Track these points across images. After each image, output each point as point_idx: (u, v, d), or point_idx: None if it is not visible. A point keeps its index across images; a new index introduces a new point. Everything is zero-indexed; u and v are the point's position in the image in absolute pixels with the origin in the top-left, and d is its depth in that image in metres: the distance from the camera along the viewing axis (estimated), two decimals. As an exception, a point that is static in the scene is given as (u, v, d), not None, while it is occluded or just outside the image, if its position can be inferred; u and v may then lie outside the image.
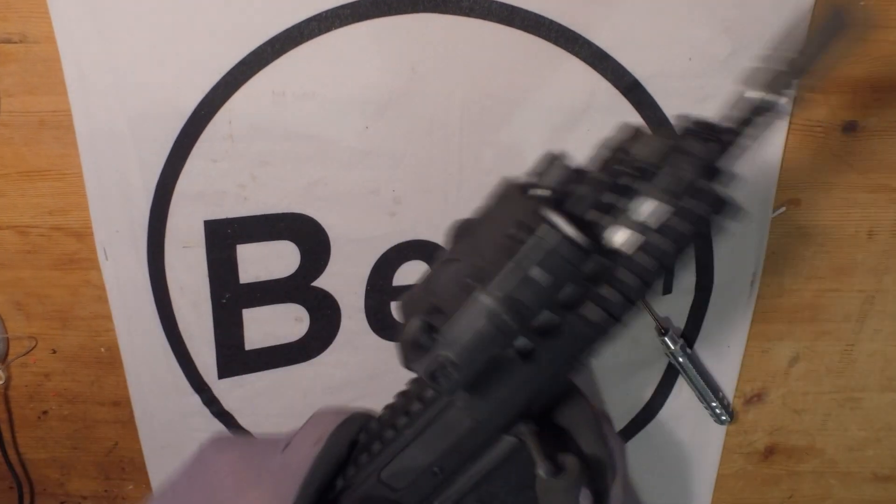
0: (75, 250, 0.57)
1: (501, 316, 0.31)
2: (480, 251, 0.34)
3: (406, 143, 0.54)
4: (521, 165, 0.55)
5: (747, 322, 0.64)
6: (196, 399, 0.62)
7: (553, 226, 0.31)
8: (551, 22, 0.50)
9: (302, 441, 0.41)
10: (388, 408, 0.41)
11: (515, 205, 0.35)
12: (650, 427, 0.68)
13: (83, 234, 0.56)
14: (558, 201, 0.33)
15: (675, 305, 0.63)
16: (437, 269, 0.35)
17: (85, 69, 0.50)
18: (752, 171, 0.57)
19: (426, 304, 0.34)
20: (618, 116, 0.54)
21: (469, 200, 0.56)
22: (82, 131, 0.52)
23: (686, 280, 0.62)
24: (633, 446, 0.68)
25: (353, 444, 0.41)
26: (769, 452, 0.73)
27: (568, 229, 0.31)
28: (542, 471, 0.33)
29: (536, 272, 0.31)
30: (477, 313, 0.31)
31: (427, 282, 0.35)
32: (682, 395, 0.67)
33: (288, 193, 0.54)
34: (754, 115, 0.33)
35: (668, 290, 0.62)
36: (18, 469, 0.68)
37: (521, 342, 0.33)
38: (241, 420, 0.63)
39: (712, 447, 0.71)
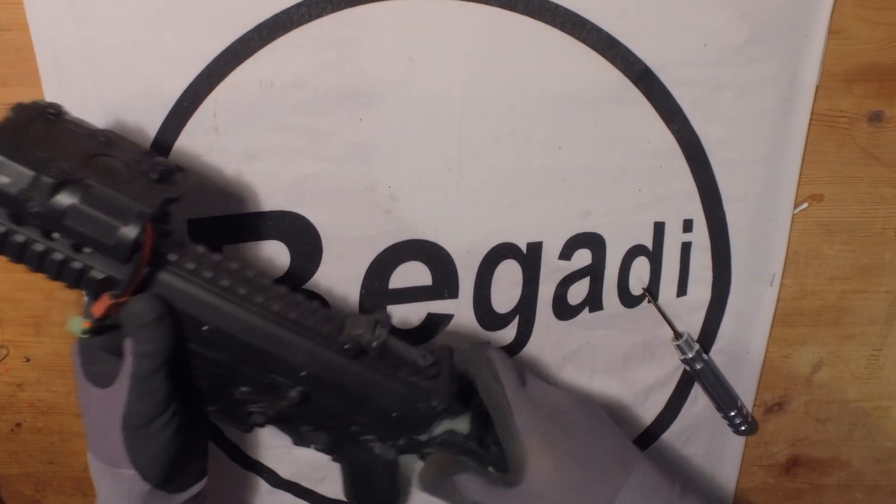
0: (50, 252, 0.57)
1: None
2: None
3: (403, 137, 0.54)
4: (524, 160, 0.55)
5: (767, 326, 0.64)
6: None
7: None
8: (557, 6, 0.50)
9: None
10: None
11: None
12: (664, 438, 0.68)
13: (59, 235, 0.56)
14: None
15: (691, 308, 0.63)
16: None
17: (60, 58, 0.49)
18: (772, 164, 0.58)
19: None
20: (628, 107, 0.54)
21: (470, 197, 0.57)
22: (57, 125, 0.52)
23: (702, 281, 0.62)
24: (646, 459, 0.68)
25: None
26: (791, 465, 0.73)
27: None
28: None
29: None
30: None
31: None
32: (699, 404, 0.67)
33: (277, 190, 0.54)
34: None
35: (682, 291, 0.62)
36: (-8, 485, 0.68)
37: None
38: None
39: (731, 459, 0.71)
